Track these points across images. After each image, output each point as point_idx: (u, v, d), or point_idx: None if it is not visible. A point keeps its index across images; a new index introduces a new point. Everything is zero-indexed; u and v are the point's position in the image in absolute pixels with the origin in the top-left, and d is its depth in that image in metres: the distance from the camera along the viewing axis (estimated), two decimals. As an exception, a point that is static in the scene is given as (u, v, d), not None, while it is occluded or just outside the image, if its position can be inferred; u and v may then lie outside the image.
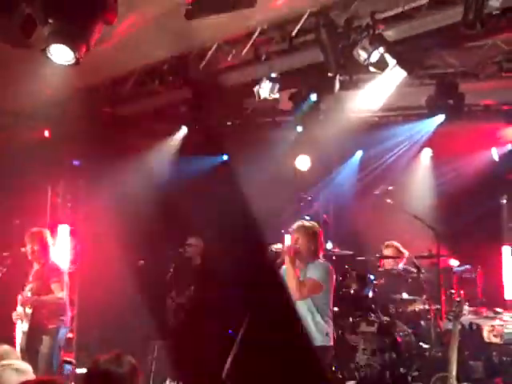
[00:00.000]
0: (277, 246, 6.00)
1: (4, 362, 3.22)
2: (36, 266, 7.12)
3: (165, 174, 9.75)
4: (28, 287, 6.90)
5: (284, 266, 5.82)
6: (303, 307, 5.71)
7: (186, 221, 5.92)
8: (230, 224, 6.40)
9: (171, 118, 9.68)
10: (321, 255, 5.98)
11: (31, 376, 2.96)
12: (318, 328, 5.68)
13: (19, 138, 8.86)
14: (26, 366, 3.33)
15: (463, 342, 6.62)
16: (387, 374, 7.00)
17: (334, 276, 5.92)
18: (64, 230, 9.12)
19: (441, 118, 8.53)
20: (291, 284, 5.68)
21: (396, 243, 8.02)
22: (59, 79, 7.11)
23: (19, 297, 6.91)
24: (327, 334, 5.70)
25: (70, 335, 8.64)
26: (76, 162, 9.25)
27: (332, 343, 5.78)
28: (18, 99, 8.07)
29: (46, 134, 9.09)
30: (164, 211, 8.16)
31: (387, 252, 8.02)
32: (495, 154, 9.22)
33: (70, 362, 6.23)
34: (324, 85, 8.22)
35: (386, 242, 8.08)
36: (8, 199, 8.71)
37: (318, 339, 5.65)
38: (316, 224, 6.11)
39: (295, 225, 6.01)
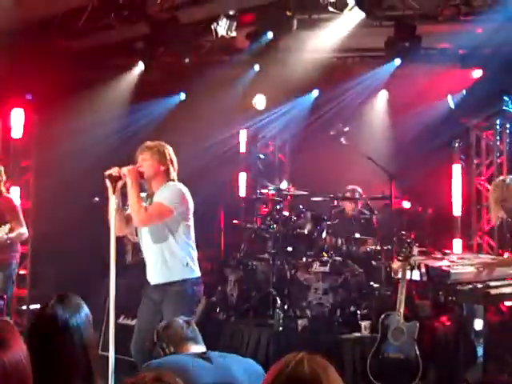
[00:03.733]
0: (112, 170, 5.01)
1: None
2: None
3: (120, 113, 9.64)
4: None
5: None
6: (156, 237, 5.14)
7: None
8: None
9: (127, 54, 9.49)
10: (174, 177, 5.25)
11: None
12: (175, 259, 5.11)
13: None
14: None
15: (412, 281, 6.81)
16: (338, 313, 7.17)
17: (190, 201, 5.17)
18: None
19: (398, 62, 8.56)
20: (131, 208, 5.03)
21: (359, 188, 8.11)
22: (10, 10, 6.89)
23: None
24: (187, 265, 5.14)
25: (22, 272, 8.63)
26: (28, 96, 9.02)
27: (195, 276, 5.18)
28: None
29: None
30: (117, 151, 8.07)
31: (350, 195, 8.10)
32: (451, 101, 9.30)
33: (1, 297, 6.18)
34: (282, 24, 8.15)
35: (350, 186, 8.14)
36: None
37: (176, 272, 5.11)
38: (165, 144, 5.28)
39: (139, 148, 5.25)
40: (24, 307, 8.88)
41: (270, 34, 8.24)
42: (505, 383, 6.40)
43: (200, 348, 3.59)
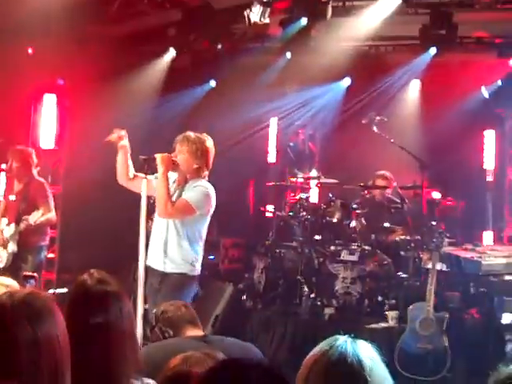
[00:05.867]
0: (147, 156, 5.13)
1: None
2: (18, 187, 7.04)
3: (151, 100, 9.64)
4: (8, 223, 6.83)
5: (155, 175, 5.19)
6: (170, 227, 5.16)
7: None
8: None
9: (159, 41, 9.48)
10: (205, 176, 5.25)
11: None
12: (183, 254, 5.15)
13: (1, 55, 8.67)
14: (11, 281, 3.28)
15: (442, 272, 6.73)
16: (365, 302, 7.10)
17: (214, 202, 5.20)
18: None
19: (433, 51, 8.42)
20: (159, 199, 5.08)
21: (388, 173, 7.98)
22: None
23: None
24: (192, 263, 5.18)
25: (51, 255, 8.69)
26: (60, 81, 9.07)
27: (196, 274, 5.24)
28: (0, 15, 7.85)
29: (30, 51, 8.89)
30: (149, 137, 8.07)
31: (378, 182, 7.97)
32: (485, 91, 9.15)
33: (32, 277, 6.22)
34: (316, 10, 8.07)
35: (379, 172, 8.02)
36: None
37: (180, 265, 5.15)
38: (208, 139, 5.24)
39: (180, 135, 5.25)
40: (51, 291, 8.94)
41: (303, 21, 8.15)
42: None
43: (198, 331, 3.59)
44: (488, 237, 8.79)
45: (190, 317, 3.66)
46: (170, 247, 5.17)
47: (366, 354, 2.06)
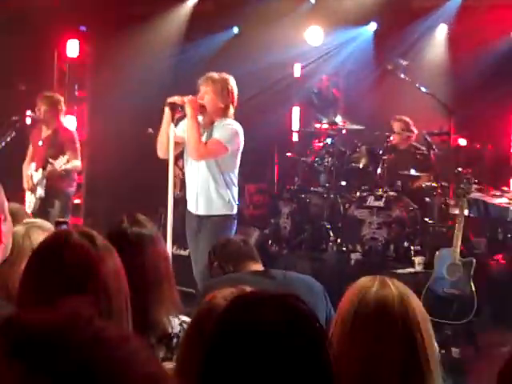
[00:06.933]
0: (174, 98, 5.04)
1: (27, 220, 3.05)
2: (46, 132, 7.06)
3: (173, 47, 9.56)
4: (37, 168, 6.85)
5: (184, 121, 5.18)
6: (204, 170, 5.19)
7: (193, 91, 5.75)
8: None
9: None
10: (231, 115, 5.24)
11: None
12: (219, 195, 5.19)
13: (25, 2, 8.61)
14: (48, 224, 3.26)
15: (469, 218, 6.70)
16: (391, 248, 7.11)
17: (242, 139, 5.21)
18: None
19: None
20: (190, 141, 5.10)
21: (406, 118, 7.91)
22: None
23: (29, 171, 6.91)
24: (229, 202, 5.23)
25: (77, 201, 8.76)
26: (83, 28, 9.01)
27: (234, 213, 5.29)
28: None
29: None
30: (172, 83, 8.02)
31: (396, 126, 7.89)
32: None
33: (65, 222, 6.28)
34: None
35: (397, 116, 7.95)
36: (13, 64, 8.56)
37: (218, 207, 5.20)
38: (230, 77, 5.22)
39: (203, 77, 5.19)
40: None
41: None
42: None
43: (259, 266, 3.58)
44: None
45: (250, 251, 3.65)
46: (205, 190, 5.21)
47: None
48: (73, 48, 9.00)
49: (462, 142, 8.06)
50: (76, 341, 0.85)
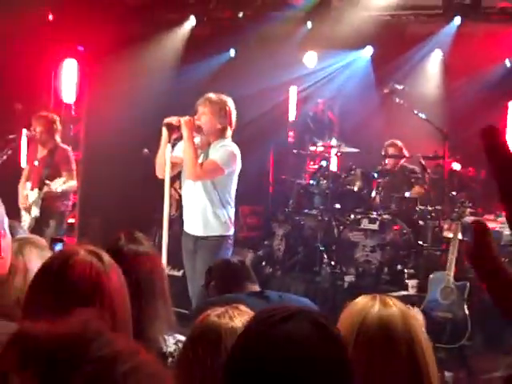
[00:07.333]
0: (171, 119, 5.05)
1: (21, 237, 3.01)
2: (41, 152, 7.06)
3: (170, 68, 9.62)
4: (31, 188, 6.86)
5: (182, 142, 5.16)
6: (201, 191, 5.19)
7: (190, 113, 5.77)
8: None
9: (179, 8, 9.44)
10: (229, 136, 5.25)
11: (48, 251, 2.87)
12: (216, 216, 5.19)
13: (22, 21, 8.65)
14: (42, 241, 3.24)
15: (462, 242, 6.72)
16: (385, 270, 7.13)
17: (239, 161, 5.22)
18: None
19: (457, 21, 8.33)
20: (186, 162, 5.10)
21: (399, 142, 7.98)
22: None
23: (25, 191, 6.91)
24: (226, 222, 5.23)
25: (71, 220, 8.75)
26: (80, 47, 9.06)
27: (231, 233, 5.31)
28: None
29: (50, 17, 8.88)
30: (169, 106, 8.06)
31: (390, 150, 7.98)
32: (508, 63, 9.06)
33: (61, 240, 6.26)
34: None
35: (389, 141, 8.01)
36: (10, 83, 8.58)
37: (215, 228, 5.20)
38: (229, 99, 5.25)
39: (201, 98, 5.22)
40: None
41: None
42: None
43: (255, 287, 3.58)
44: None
45: (246, 273, 3.65)
46: (203, 211, 5.22)
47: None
48: (70, 67, 9.04)
49: (456, 166, 8.11)
50: (88, 354, 0.86)
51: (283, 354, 1.43)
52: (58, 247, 5.77)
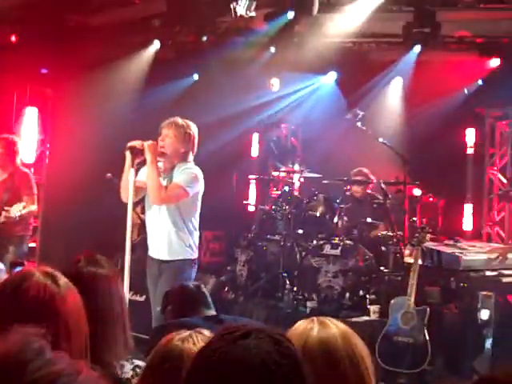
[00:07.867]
0: (134, 143, 4.99)
1: None
2: (1, 176, 6.95)
3: (134, 92, 9.61)
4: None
5: (145, 167, 5.14)
6: (165, 215, 5.19)
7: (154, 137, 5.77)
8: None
9: (144, 32, 9.45)
10: (191, 160, 5.27)
11: (5, 274, 2.87)
12: (180, 240, 5.19)
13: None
14: (0, 264, 3.22)
15: (422, 267, 6.80)
16: (347, 296, 7.16)
17: (202, 183, 5.24)
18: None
19: (417, 49, 8.50)
20: (150, 186, 5.08)
21: (365, 170, 8.07)
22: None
23: None
24: (190, 246, 5.23)
25: (32, 244, 8.64)
26: (44, 70, 9.00)
27: (194, 256, 5.30)
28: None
29: (13, 38, 8.81)
30: (131, 128, 8.04)
31: (355, 176, 8.05)
32: (466, 90, 9.27)
33: (21, 263, 6.16)
34: (302, 5, 8.09)
35: (356, 169, 8.10)
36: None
37: (178, 251, 5.20)
38: (192, 124, 5.28)
39: (166, 121, 5.23)
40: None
41: (290, 15, 8.16)
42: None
43: (211, 312, 3.62)
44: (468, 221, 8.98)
45: (203, 297, 3.69)
46: (167, 235, 5.22)
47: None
48: (32, 91, 8.98)
49: (417, 191, 8.24)
50: (24, 375, 0.84)
51: (244, 369, 1.44)
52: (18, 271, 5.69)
